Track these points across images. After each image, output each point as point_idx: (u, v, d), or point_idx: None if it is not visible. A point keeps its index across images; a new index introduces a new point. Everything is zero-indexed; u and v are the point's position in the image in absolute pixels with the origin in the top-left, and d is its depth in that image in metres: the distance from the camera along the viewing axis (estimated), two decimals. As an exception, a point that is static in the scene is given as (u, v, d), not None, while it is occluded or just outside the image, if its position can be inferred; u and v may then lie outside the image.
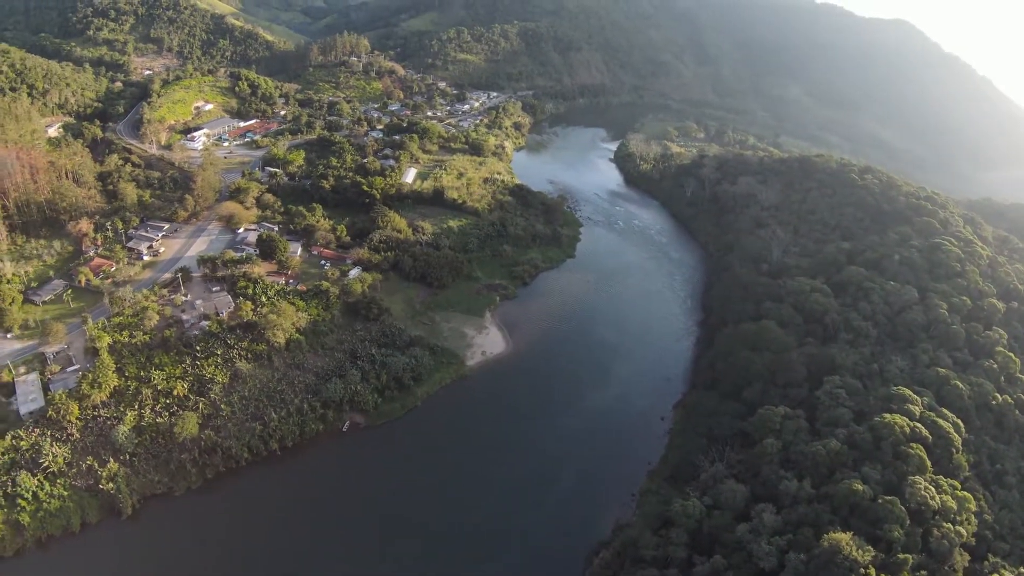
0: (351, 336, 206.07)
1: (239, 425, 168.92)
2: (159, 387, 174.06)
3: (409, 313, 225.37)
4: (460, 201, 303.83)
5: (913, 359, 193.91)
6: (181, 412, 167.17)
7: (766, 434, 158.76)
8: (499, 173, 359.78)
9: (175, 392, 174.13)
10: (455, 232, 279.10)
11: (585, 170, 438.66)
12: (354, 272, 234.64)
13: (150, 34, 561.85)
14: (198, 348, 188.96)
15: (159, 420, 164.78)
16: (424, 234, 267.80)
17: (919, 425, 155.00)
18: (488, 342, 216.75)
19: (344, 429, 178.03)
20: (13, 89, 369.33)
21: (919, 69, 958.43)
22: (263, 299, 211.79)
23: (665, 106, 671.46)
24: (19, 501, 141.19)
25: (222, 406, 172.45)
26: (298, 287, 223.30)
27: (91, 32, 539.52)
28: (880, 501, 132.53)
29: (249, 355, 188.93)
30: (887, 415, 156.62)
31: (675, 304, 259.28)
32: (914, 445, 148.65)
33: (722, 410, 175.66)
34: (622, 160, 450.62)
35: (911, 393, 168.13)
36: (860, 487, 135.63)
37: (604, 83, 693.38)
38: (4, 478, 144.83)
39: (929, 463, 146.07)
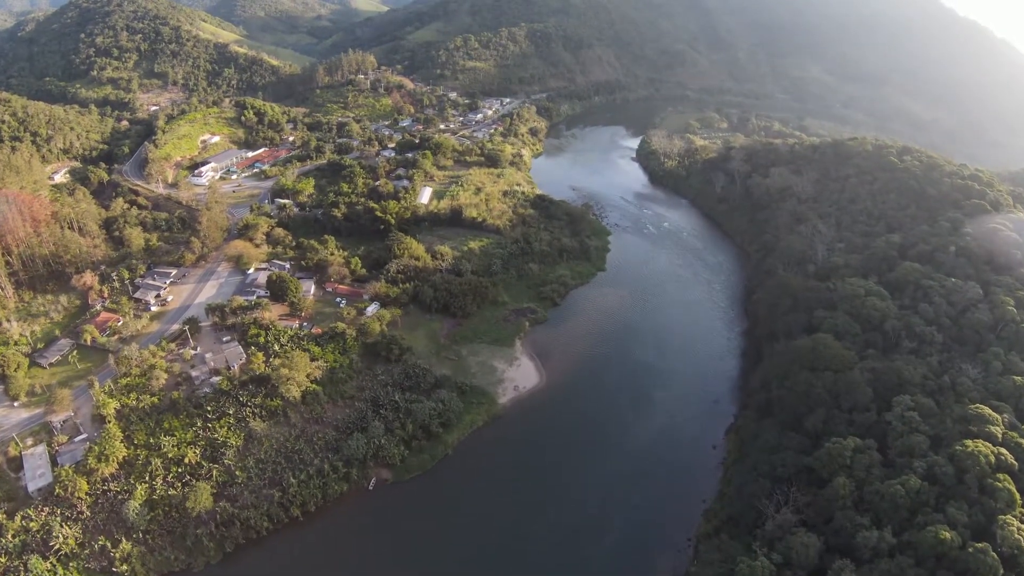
0: (372, 381, 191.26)
1: (256, 493, 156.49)
2: (169, 455, 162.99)
3: (433, 349, 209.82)
4: (480, 219, 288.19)
5: (985, 366, 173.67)
6: (194, 482, 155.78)
7: (836, 471, 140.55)
8: (518, 184, 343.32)
9: (186, 460, 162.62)
10: (477, 254, 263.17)
11: (608, 172, 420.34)
12: (371, 309, 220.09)
13: (154, 69, 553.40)
14: (209, 409, 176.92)
15: (171, 492, 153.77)
16: (444, 259, 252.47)
17: (1004, 451, 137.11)
18: (520, 375, 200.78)
19: (370, 487, 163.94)
20: (16, 138, 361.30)
21: (937, 36, 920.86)
22: (275, 347, 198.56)
23: (683, 97, 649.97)
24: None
25: (237, 472, 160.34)
26: (312, 330, 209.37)
27: (95, 72, 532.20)
28: (970, 550, 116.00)
29: (263, 412, 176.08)
30: (968, 442, 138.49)
31: (716, 315, 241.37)
32: (1001, 476, 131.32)
33: (784, 444, 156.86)
34: (645, 158, 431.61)
35: (990, 412, 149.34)
36: (947, 534, 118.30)
37: (619, 79, 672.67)
38: (16, 563, 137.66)
39: (1019, 497, 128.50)
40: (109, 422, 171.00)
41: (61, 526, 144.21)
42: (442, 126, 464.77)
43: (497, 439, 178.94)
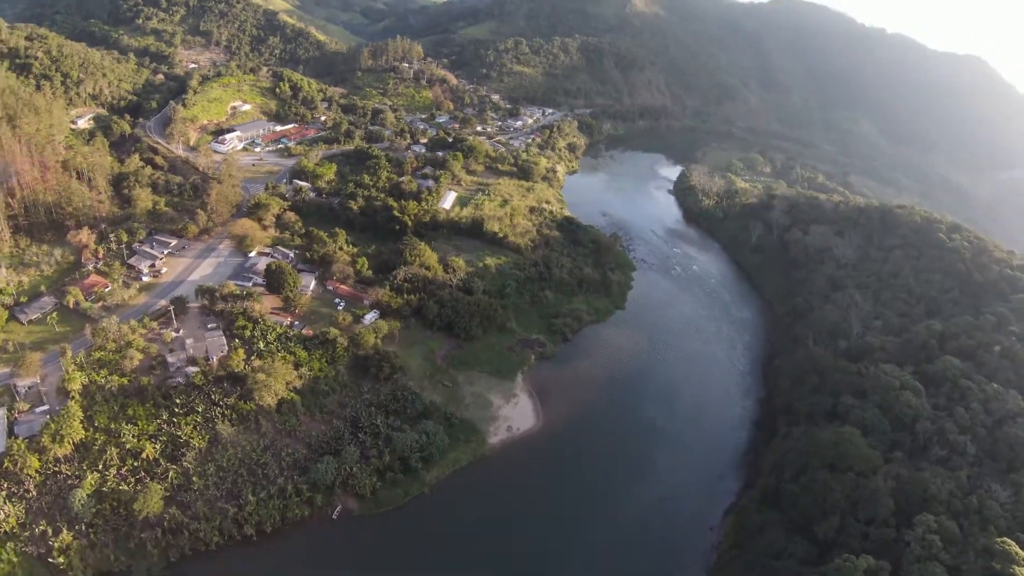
0: (355, 399, 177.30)
1: (211, 504, 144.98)
2: (128, 446, 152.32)
3: (427, 371, 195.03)
4: (501, 235, 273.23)
5: (1016, 490, 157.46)
6: (147, 481, 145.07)
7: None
8: (548, 202, 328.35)
9: (144, 454, 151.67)
10: (491, 272, 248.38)
11: (642, 201, 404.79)
12: (369, 317, 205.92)
13: (199, 27, 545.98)
14: (178, 401, 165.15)
15: (122, 487, 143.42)
16: (456, 273, 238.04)
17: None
18: (516, 414, 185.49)
19: (334, 516, 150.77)
20: (46, 77, 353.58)
21: (992, 109, 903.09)
22: (260, 344, 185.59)
23: (729, 134, 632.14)
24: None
25: (194, 478, 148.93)
26: (303, 331, 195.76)
27: (140, 21, 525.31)
28: None
29: (234, 416, 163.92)
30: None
31: (734, 378, 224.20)
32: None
33: (789, 550, 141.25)
34: (682, 193, 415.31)
35: (1017, 550, 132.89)
36: None
37: (666, 105, 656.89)
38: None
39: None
40: (73, 398, 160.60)
41: (4, 502, 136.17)
42: (479, 128, 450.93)
43: (479, 484, 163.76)
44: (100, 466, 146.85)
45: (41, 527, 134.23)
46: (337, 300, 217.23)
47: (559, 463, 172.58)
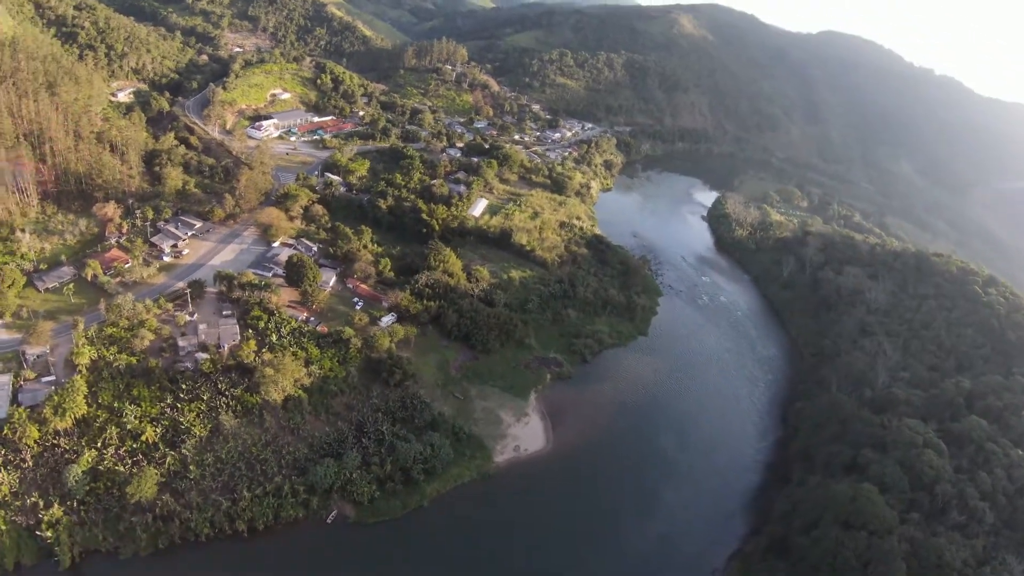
0: (363, 403, 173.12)
1: (205, 495, 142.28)
2: (128, 427, 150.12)
3: (440, 380, 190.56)
4: (528, 248, 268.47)
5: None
6: (144, 464, 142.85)
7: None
8: (579, 218, 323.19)
9: (144, 437, 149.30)
10: (515, 285, 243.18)
11: (675, 225, 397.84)
12: (386, 320, 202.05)
13: (248, 11, 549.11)
14: (183, 387, 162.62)
15: (118, 468, 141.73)
16: (479, 283, 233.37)
17: None
18: (525, 434, 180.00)
19: (328, 520, 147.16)
20: (91, 47, 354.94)
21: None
22: (273, 337, 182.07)
23: (767, 163, 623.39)
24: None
25: (191, 466, 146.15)
26: (318, 327, 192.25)
27: (190, 1, 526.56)
28: None
29: (238, 407, 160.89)
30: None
31: (752, 417, 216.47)
32: None
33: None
34: (715, 220, 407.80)
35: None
36: None
37: (706, 129, 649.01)
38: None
39: None
40: (79, 373, 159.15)
41: (0, 469, 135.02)
42: (516, 137, 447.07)
43: (479, 503, 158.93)
44: (99, 444, 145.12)
45: (33, 498, 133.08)
46: (356, 299, 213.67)
47: (564, 489, 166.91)
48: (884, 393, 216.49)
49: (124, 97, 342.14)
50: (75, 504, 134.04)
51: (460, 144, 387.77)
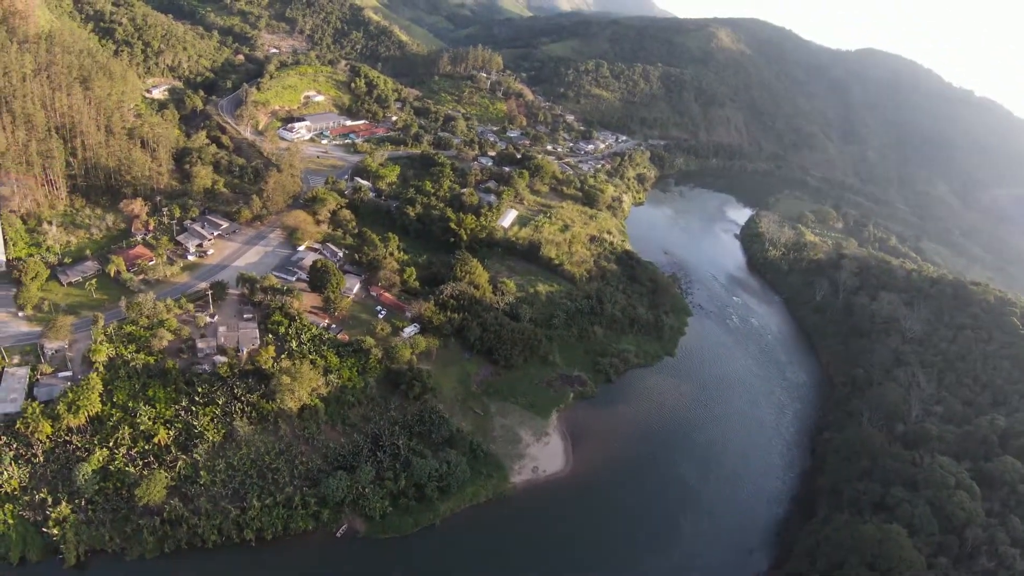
0: (381, 415, 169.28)
1: (214, 502, 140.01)
2: (142, 427, 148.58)
3: (460, 395, 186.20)
4: (557, 262, 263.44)
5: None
6: (154, 467, 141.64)
7: None
8: (609, 232, 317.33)
9: (157, 439, 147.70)
10: (542, 300, 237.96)
11: (706, 243, 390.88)
12: (408, 331, 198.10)
13: (285, 13, 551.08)
14: (199, 390, 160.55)
15: (129, 469, 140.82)
16: (505, 296, 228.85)
17: None
18: (544, 455, 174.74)
19: (338, 534, 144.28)
20: (128, 43, 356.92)
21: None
22: (293, 344, 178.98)
23: (803, 182, 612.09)
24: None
25: (202, 472, 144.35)
26: (339, 335, 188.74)
27: (228, 1, 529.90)
28: None
29: (253, 414, 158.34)
30: None
31: (778, 447, 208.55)
32: None
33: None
34: (748, 240, 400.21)
35: None
36: None
37: (742, 146, 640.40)
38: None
39: None
40: (96, 370, 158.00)
41: (11, 463, 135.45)
42: (549, 147, 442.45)
43: (493, 524, 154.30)
44: (111, 443, 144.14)
45: (42, 494, 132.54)
46: (379, 308, 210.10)
47: (580, 514, 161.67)
48: (916, 428, 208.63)
49: (159, 94, 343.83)
50: (83, 503, 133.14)
51: (492, 153, 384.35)
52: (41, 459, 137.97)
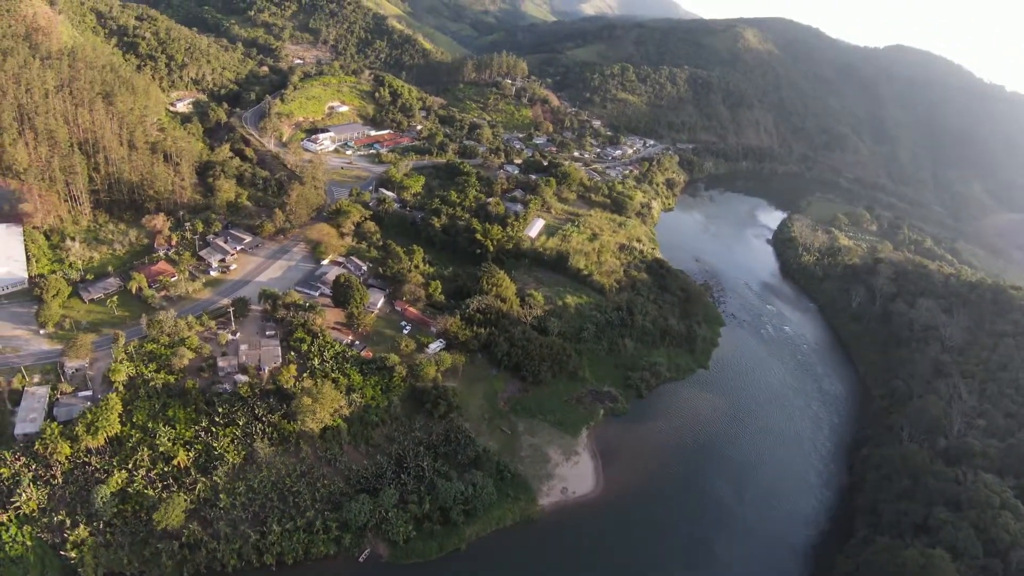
0: (405, 435, 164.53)
1: (234, 526, 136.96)
2: (161, 448, 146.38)
3: (487, 413, 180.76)
4: (586, 272, 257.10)
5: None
6: (174, 489, 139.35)
7: None
8: (639, 240, 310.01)
9: (176, 460, 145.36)
10: (570, 312, 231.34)
11: (738, 250, 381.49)
12: (434, 347, 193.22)
13: (309, 24, 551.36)
14: (220, 410, 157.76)
15: (148, 491, 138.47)
16: (533, 309, 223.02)
17: None
18: (574, 475, 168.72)
19: (360, 559, 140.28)
20: (152, 57, 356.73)
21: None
22: (315, 361, 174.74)
23: (835, 184, 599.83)
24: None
25: (222, 495, 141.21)
26: (362, 352, 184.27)
27: (252, 13, 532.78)
28: None
29: (274, 435, 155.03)
30: None
31: (815, 464, 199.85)
32: None
33: None
34: (781, 245, 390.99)
35: None
36: None
37: (772, 147, 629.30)
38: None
39: None
40: (116, 390, 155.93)
41: (29, 484, 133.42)
42: (576, 154, 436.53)
43: (521, 549, 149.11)
44: (130, 465, 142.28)
45: (60, 516, 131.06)
46: (403, 323, 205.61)
47: (611, 537, 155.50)
48: (959, 443, 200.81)
49: (183, 107, 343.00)
50: (101, 525, 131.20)
51: (518, 161, 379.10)
52: (60, 480, 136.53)
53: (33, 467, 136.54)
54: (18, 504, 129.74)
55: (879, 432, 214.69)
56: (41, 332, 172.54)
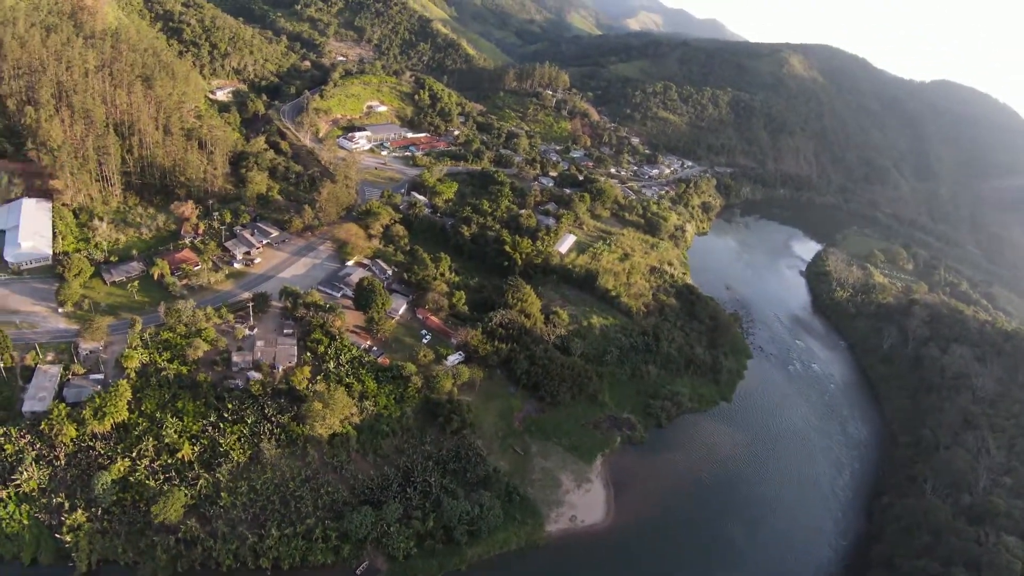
0: (415, 448, 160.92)
1: (232, 526, 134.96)
2: (167, 440, 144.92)
3: (501, 431, 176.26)
4: (614, 293, 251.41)
5: None
6: (175, 482, 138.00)
7: None
8: (670, 263, 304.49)
9: (180, 453, 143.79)
10: (595, 334, 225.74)
11: (771, 280, 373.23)
12: (452, 359, 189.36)
13: (354, 22, 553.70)
14: (229, 406, 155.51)
15: (149, 482, 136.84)
16: (557, 327, 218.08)
17: None
18: (584, 503, 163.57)
19: (358, 571, 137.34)
20: (196, 44, 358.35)
21: None
22: (331, 364, 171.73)
23: (873, 218, 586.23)
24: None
25: (223, 493, 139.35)
26: (379, 358, 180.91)
27: (299, 7, 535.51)
28: None
29: (282, 436, 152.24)
30: None
31: (832, 511, 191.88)
32: None
33: None
34: (814, 278, 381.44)
35: None
36: None
37: (811, 176, 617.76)
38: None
39: None
40: (127, 376, 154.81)
41: (32, 463, 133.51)
42: (612, 170, 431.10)
43: (522, 574, 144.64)
44: (134, 454, 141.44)
45: (59, 499, 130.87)
46: (424, 332, 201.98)
47: (616, 571, 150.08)
48: (983, 501, 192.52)
49: (222, 96, 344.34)
50: (99, 512, 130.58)
51: (553, 173, 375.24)
52: (62, 462, 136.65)
53: (37, 446, 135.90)
54: (19, 482, 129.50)
55: (902, 482, 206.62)
56: (60, 311, 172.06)
